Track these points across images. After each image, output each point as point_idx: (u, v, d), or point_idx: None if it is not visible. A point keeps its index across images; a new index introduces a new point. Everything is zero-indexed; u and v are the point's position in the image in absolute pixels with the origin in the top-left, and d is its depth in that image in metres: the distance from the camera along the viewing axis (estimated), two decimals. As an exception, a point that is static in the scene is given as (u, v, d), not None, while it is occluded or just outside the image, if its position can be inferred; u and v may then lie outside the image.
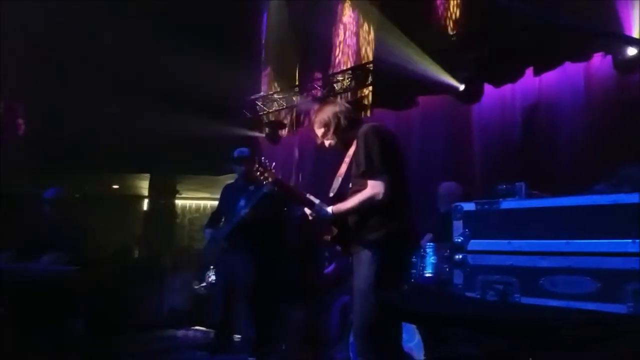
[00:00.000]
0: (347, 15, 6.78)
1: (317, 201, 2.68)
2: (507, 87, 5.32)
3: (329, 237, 2.80)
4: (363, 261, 2.55)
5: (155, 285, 6.55)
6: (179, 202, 11.18)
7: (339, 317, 4.64)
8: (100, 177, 9.40)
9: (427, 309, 1.96)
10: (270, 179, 2.66)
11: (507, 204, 1.99)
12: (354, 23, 6.64)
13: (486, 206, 2.03)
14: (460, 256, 2.04)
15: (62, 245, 4.39)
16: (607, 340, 1.53)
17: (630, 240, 1.70)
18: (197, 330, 5.97)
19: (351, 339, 3.67)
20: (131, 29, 6.52)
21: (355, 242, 2.62)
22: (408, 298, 2.49)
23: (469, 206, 2.08)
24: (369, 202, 2.55)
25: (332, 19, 6.75)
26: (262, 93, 7.51)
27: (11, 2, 6.44)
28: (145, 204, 11.04)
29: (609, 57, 4.56)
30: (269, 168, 2.66)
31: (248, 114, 7.53)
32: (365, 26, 6.61)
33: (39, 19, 6.56)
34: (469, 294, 2.01)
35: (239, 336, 5.12)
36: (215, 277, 5.00)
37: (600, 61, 4.71)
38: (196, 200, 11.63)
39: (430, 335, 3.46)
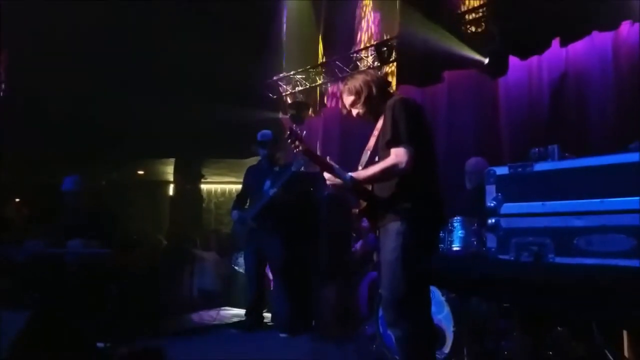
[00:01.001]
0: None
1: (337, 167, 2.61)
2: (534, 59, 5.25)
3: (357, 210, 2.83)
4: (390, 234, 2.55)
5: (185, 269, 6.70)
6: (204, 187, 11.30)
7: (368, 293, 4.72)
8: (125, 163, 9.54)
9: (462, 272, 2.01)
10: (300, 148, 2.62)
11: (541, 166, 2.01)
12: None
13: (519, 169, 2.05)
14: (494, 220, 2.07)
15: (92, 231, 4.45)
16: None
17: (665, 197, 1.71)
18: (228, 310, 6.12)
19: (380, 313, 3.74)
20: (154, 15, 6.60)
21: (383, 215, 2.61)
22: (442, 263, 2.53)
23: (502, 170, 2.11)
24: (391, 170, 2.52)
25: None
26: (283, 74, 7.52)
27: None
28: (170, 189, 11.19)
29: (637, 24, 4.48)
30: (300, 136, 2.62)
31: (271, 95, 7.56)
32: (389, 2, 6.56)
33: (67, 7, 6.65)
34: (502, 257, 2.05)
35: (269, 314, 5.27)
36: (246, 257, 5.12)
37: (628, 29, 4.63)
38: (221, 185, 11.72)
39: (460, 307, 3.52)
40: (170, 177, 10.91)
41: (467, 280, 1.92)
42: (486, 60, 5.43)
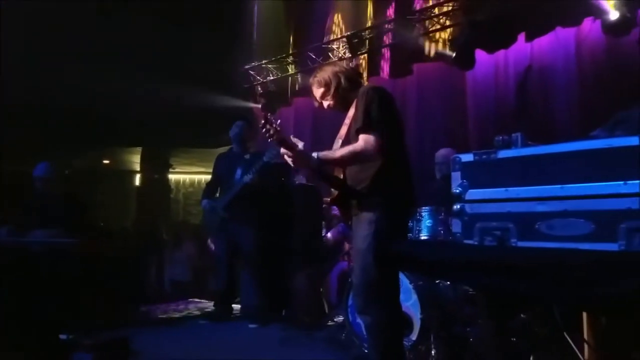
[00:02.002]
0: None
1: (301, 144, 2.61)
2: (500, 53, 5.40)
3: (329, 199, 2.84)
4: (363, 222, 2.58)
5: (153, 259, 6.62)
6: (172, 177, 11.11)
7: (338, 282, 4.77)
8: (90, 152, 9.29)
9: (429, 255, 2.05)
10: (276, 137, 2.58)
11: (504, 153, 2.06)
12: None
13: (484, 156, 2.09)
14: (459, 206, 2.11)
15: (57, 220, 4.40)
16: (607, 277, 1.62)
17: (622, 182, 1.78)
18: (197, 301, 6.08)
19: (350, 302, 3.79)
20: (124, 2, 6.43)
21: (356, 204, 2.64)
22: (411, 246, 2.57)
23: (467, 157, 2.15)
24: (358, 154, 2.53)
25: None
26: (255, 63, 7.45)
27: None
28: (137, 179, 10.95)
29: (599, 21, 4.65)
30: (274, 125, 2.59)
31: (242, 84, 7.49)
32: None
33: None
34: (467, 242, 2.10)
35: (239, 305, 5.25)
36: (217, 246, 5.08)
37: (590, 25, 4.80)
38: (191, 175, 11.55)
39: (427, 294, 3.59)
40: (137, 167, 10.66)
41: (432, 263, 1.96)
42: (454, 54, 5.53)
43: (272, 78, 7.38)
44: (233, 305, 5.14)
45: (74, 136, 7.65)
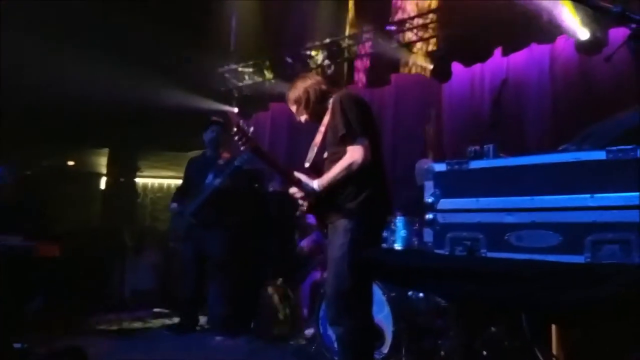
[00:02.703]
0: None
1: (303, 177, 2.64)
2: (477, 66, 5.50)
3: (304, 208, 2.81)
4: (339, 229, 2.58)
5: (116, 266, 6.44)
6: (140, 181, 10.81)
7: (310, 294, 4.71)
8: (54, 152, 9.00)
9: (401, 262, 2.05)
10: (248, 146, 2.59)
11: (476, 163, 2.08)
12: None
13: (456, 166, 2.11)
14: (431, 215, 2.12)
15: (16, 224, 4.26)
16: (572, 288, 1.64)
17: (589, 195, 1.81)
18: (161, 311, 5.93)
19: (321, 314, 3.76)
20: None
21: (332, 211, 2.63)
22: (384, 254, 2.57)
23: (440, 167, 2.17)
24: (350, 168, 2.55)
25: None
26: (232, 66, 7.41)
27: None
28: (103, 182, 10.63)
29: (572, 39, 4.78)
30: (247, 133, 2.59)
31: (217, 87, 7.42)
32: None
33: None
34: (438, 251, 2.10)
35: (205, 316, 5.11)
36: (184, 254, 4.95)
37: (564, 43, 4.93)
38: (159, 179, 11.21)
39: (400, 306, 3.59)
40: (103, 169, 10.36)
41: (402, 271, 1.96)
42: (431, 66, 5.62)
43: (249, 82, 7.35)
44: (199, 316, 4.99)
45: (36, 136, 7.37)
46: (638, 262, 1.70)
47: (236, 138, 2.56)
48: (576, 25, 4.67)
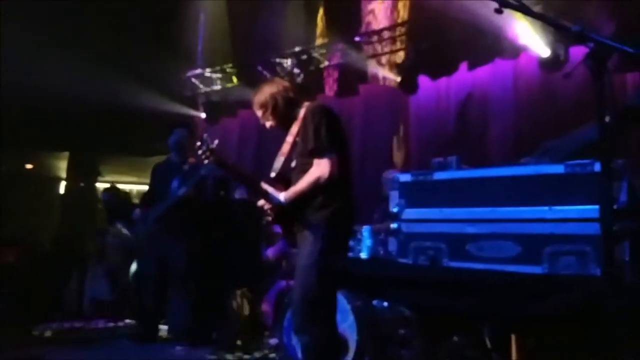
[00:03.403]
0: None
1: (270, 189, 2.62)
2: (443, 80, 5.61)
3: (270, 218, 2.78)
4: (308, 239, 2.57)
5: (75, 273, 6.23)
6: (101, 185, 10.52)
7: (275, 303, 4.67)
8: (12, 155, 8.63)
9: (365, 271, 2.06)
10: (212, 159, 2.56)
11: (440, 174, 2.12)
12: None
13: (421, 177, 2.15)
14: (396, 225, 2.14)
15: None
16: (530, 298, 1.67)
17: (547, 207, 1.86)
18: (120, 319, 5.76)
19: (286, 323, 3.73)
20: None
21: (300, 222, 2.62)
22: (349, 263, 2.57)
23: (405, 177, 2.20)
24: (317, 182, 2.55)
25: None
26: (199, 71, 7.33)
27: None
28: (62, 187, 10.25)
29: (535, 56, 4.94)
30: (211, 147, 2.55)
31: (184, 92, 7.32)
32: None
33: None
34: (402, 260, 2.12)
35: (166, 326, 4.99)
36: (146, 261, 4.82)
37: (527, 59, 5.08)
38: (121, 184, 10.97)
39: (364, 315, 3.59)
40: (63, 173, 10.02)
41: (368, 280, 1.97)
42: (399, 78, 5.71)
43: (217, 88, 7.29)
44: (159, 325, 4.86)
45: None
46: (594, 273, 1.75)
47: (200, 152, 2.54)
48: (537, 43, 4.83)
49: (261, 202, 2.66)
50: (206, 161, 2.56)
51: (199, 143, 2.55)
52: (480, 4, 4.71)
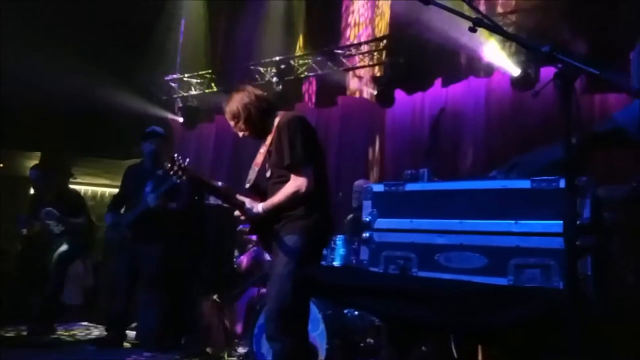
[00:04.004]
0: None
1: (247, 201, 2.62)
2: (418, 95, 5.75)
3: (248, 229, 2.80)
4: (285, 248, 2.58)
5: (42, 277, 6.08)
6: (73, 187, 10.33)
7: (246, 311, 4.65)
8: None
9: (335, 280, 2.08)
10: (185, 177, 2.53)
11: (411, 186, 2.17)
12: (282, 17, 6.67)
13: (393, 187, 2.19)
14: (368, 234, 2.18)
15: None
16: (496, 308, 1.72)
17: (513, 221, 1.92)
18: (87, 324, 5.65)
19: (255, 331, 3.72)
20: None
21: (278, 231, 2.63)
22: (321, 271, 2.60)
23: (378, 187, 2.24)
24: (294, 196, 2.55)
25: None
26: (177, 75, 7.29)
27: None
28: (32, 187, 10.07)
29: (507, 74, 5.10)
30: (183, 165, 2.51)
31: (161, 95, 7.27)
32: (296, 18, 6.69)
33: None
34: (373, 269, 2.16)
35: (134, 332, 4.91)
36: (117, 266, 4.75)
37: (500, 77, 5.25)
38: (93, 187, 10.69)
39: (335, 324, 3.61)
40: (34, 174, 9.77)
41: (338, 289, 2.00)
42: (375, 92, 5.82)
43: (194, 93, 7.27)
44: (127, 331, 4.78)
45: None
46: (557, 286, 1.80)
47: (172, 173, 2.51)
48: (509, 62, 5.00)
49: (237, 213, 2.65)
50: (179, 180, 2.55)
51: (169, 164, 2.51)
52: (457, 24, 4.86)
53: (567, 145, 1.33)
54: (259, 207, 2.60)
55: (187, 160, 2.53)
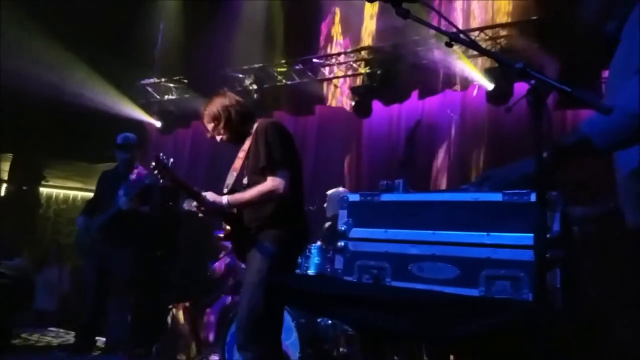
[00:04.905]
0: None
1: (207, 194, 2.61)
2: (395, 107, 5.84)
3: (223, 235, 2.79)
4: (258, 256, 2.58)
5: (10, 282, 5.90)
6: (44, 190, 10.10)
7: (218, 318, 4.61)
8: None
9: (308, 288, 2.08)
10: (168, 178, 2.55)
11: (386, 196, 2.19)
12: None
13: (368, 197, 2.21)
14: (342, 243, 2.19)
15: None
16: (467, 318, 1.74)
17: (485, 233, 1.95)
18: (57, 330, 5.53)
19: (228, 339, 3.69)
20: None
21: (252, 238, 2.62)
22: (295, 280, 2.59)
23: (354, 197, 2.26)
24: (268, 195, 2.56)
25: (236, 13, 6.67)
26: (154, 79, 7.22)
27: None
28: (2, 189, 9.79)
29: (483, 88, 5.21)
30: (167, 166, 2.53)
31: (137, 99, 7.18)
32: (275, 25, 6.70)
33: None
34: (347, 278, 2.17)
35: (104, 338, 4.82)
36: (87, 271, 4.66)
37: (475, 91, 5.37)
38: (65, 190, 10.44)
39: (308, 333, 3.61)
40: (5, 175, 9.54)
41: (310, 297, 2.00)
42: (353, 102, 5.87)
43: (171, 97, 7.21)
44: (97, 337, 4.69)
45: None
46: (527, 297, 1.84)
47: (155, 172, 2.53)
48: (484, 77, 5.12)
49: (195, 204, 2.61)
50: (160, 180, 2.52)
51: (153, 163, 2.52)
52: (435, 39, 4.97)
53: (538, 160, 1.35)
54: (224, 198, 2.59)
55: (171, 160, 2.54)
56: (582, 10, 1.75)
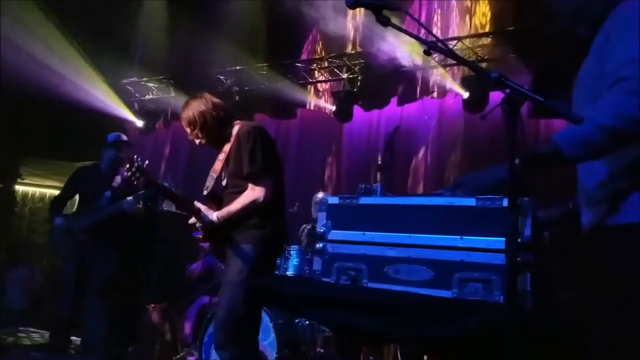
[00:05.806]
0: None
1: (203, 208, 2.63)
2: (375, 112, 5.95)
3: (202, 236, 2.80)
4: (237, 257, 2.60)
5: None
6: (20, 188, 9.90)
7: (196, 319, 4.60)
8: None
9: (286, 289, 2.12)
10: (143, 180, 2.56)
11: (365, 200, 2.24)
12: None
13: (347, 200, 2.25)
14: (321, 245, 2.23)
15: None
16: (440, 320, 1.79)
17: (459, 237, 2.01)
18: (30, 330, 5.43)
19: (205, 339, 3.70)
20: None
21: (232, 240, 2.64)
22: (273, 280, 2.62)
23: (333, 200, 2.30)
24: (252, 205, 2.59)
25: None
26: (134, 78, 7.17)
27: None
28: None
29: (460, 96, 5.33)
30: (142, 167, 2.54)
31: (119, 97, 7.10)
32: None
33: None
34: (325, 279, 2.21)
35: (79, 338, 4.77)
36: (66, 271, 4.59)
37: (453, 99, 5.48)
38: (41, 188, 10.25)
39: (286, 333, 3.64)
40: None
41: (288, 298, 2.03)
42: (334, 107, 5.95)
43: (152, 97, 7.17)
44: (72, 337, 4.64)
45: None
46: (498, 300, 1.90)
47: (129, 174, 2.52)
48: (458, 85, 5.27)
49: (192, 220, 2.66)
50: (136, 183, 2.54)
51: (128, 165, 2.52)
52: (413, 48, 5.08)
53: (511, 167, 1.40)
54: (214, 215, 2.61)
55: (147, 162, 2.53)
56: (555, 8, 1.79)
